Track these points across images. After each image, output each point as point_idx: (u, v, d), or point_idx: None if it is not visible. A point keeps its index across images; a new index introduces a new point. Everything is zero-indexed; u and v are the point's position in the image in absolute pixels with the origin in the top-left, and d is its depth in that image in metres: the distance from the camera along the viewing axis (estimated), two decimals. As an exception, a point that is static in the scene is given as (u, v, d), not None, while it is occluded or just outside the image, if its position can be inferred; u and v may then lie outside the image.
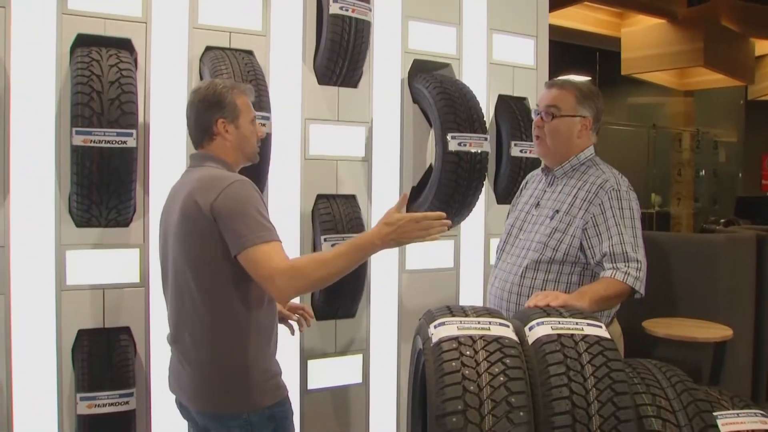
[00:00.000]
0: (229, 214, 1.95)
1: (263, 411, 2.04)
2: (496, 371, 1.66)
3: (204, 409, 2.07)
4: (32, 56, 2.62)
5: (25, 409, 2.61)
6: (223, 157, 2.16)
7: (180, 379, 2.13)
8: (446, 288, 3.44)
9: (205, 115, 2.14)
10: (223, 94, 2.14)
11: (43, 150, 2.63)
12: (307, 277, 1.95)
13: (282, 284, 1.92)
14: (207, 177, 2.04)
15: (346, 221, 3.03)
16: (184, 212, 2.02)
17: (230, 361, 2.03)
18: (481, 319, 1.81)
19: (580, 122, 2.43)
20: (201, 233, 1.99)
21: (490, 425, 1.58)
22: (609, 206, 2.32)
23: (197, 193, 2.00)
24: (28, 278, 2.61)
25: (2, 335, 2.56)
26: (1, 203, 2.56)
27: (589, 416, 1.62)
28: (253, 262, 1.93)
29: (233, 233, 1.94)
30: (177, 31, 2.83)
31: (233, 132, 2.15)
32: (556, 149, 2.44)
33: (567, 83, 2.47)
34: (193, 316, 2.05)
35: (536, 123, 2.48)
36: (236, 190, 1.98)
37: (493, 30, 3.56)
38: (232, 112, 2.15)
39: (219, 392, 2.03)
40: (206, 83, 2.20)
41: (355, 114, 3.19)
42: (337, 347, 3.19)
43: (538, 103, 2.50)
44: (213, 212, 1.96)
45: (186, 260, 2.04)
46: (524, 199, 2.59)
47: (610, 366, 1.70)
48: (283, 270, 1.91)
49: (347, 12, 2.91)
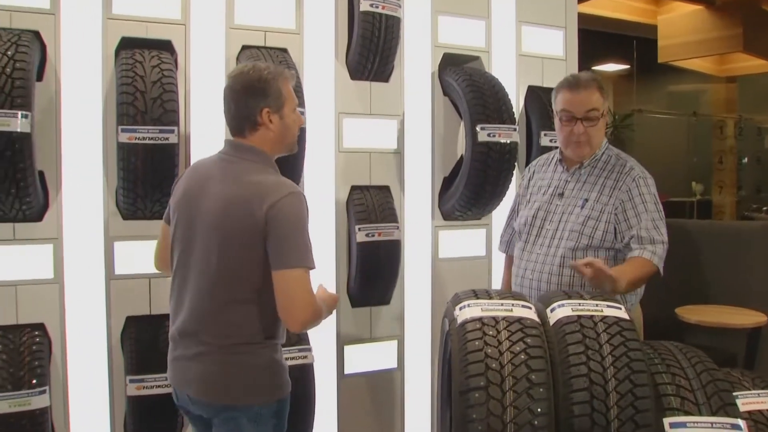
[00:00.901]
0: (281, 227, 1.94)
1: (272, 405, 2.06)
2: (517, 350, 1.76)
3: (215, 401, 2.03)
4: (80, 59, 2.76)
5: (79, 391, 2.77)
6: (263, 148, 2.09)
7: (188, 371, 2.07)
8: (478, 275, 3.52)
9: (248, 103, 2.05)
10: (269, 82, 2.05)
11: (92, 147, 2.78)
12: (316, 320, 2.03)
13: (301, 318, 1.96)
14: (265, 182, 2.00)
15: (380, 211, 3.13)
16: (230, 210, 1.98)
17: (250, 358, 2.03)
18: (504, 302, 1.91)
19: (606, 115, 2.51)
20: (247, 235, 1.96)
21: (511, 400, 1.68)
22: (637, 192, 2.40)
23: (253, 196, 1.97)
24: (80, 268, 2.77)
25: (57, 321, 2.73)
26: (54, 198, 2.72)
27: (606, 393, 1.71)
28: (285, 282, 1.94)
29: (279, 248, 1.93)
30: (214, 32, 2.95)
31: (277, 122, 2.08)
32: (595, 147, 2.51)
33: (589, 81, 2.47)
34: (216, 312, 2.01)
35: (578, 130, 2.45)
36: (293, 203, 1.97)
37: (521, 22, 3.61)
38: (277, 100, 2.07)
39: (236, 386, 2.01)
40: (248, 67, 2.10)
41: (387, 107, 3.29)
42: (372, 333, 3.30)
43: (569, 109, 2.46)
44: (267, 218, 1.93)
45: (220, 255, 1.99)
46: (538, 190, 2.64)
47: (627, 345, 1.78)
48: (309, 303, 1.96)
49: (378, 9, 3.00)
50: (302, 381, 2.78)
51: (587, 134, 2.46)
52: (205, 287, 2.03)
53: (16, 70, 2.48)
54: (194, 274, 2.05)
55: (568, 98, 2.47)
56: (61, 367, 2.74)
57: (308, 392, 2.81)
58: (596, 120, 2.45)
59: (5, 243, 2.67)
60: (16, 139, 2.46)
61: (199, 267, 2.04)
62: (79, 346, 2.78)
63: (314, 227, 3.04)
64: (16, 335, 2.67)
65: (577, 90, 2.45)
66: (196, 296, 2.04)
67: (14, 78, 2.48)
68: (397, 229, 3.13)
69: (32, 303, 2.70)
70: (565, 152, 2.58)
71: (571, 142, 2.50)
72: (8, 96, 2.46)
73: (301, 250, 1.95)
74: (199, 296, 2.04)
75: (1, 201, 2.54)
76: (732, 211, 11.05)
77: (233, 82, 2.08)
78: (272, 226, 1.93)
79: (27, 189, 2.55)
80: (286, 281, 1.93)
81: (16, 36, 2.57)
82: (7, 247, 2.68)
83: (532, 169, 2.78)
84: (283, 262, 1.93)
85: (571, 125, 2.47)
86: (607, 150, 2.52)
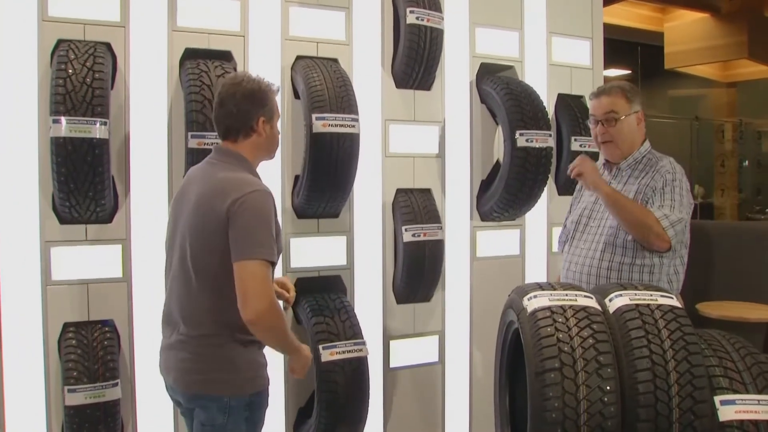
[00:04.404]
0: (242, 221, 2.01)
1: (243, 397, 2.11)
2: (585, 335, 1.94)
3: (188, 390, 2.14)
4: (147, 68, 2.94)
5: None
6: (249, 154, 2.20)
7: (169, 360, 2.19)
8: (513, 273, 3.70)
9: (247, 110, 2.16)
10: (267, 93, 2.19)
11: (158, 153, 2.95)
12: (274, 316, 2.02)
13: (256, 306, 1.97)
14: (233, 179, 2.10)
15: (424, 213, 3.31)
16: (199, 207, 2.09)
17: (219, 349, 2.10)
18: (568, 292, 2.09)
19: (635, 117, 2.68)
20: (213, 230, 2.05)
21: (583, 380, 1.86)
22: (662, 184, 2.56)
23: (218, 193, 2.06)
24: (147, 268, 2.93)
25: (125, 318, 2.90)
26: (123, 201, 2.89)
27: (667, 372, 1.89)
28: (243, 273, 1.99)
29: (238, 241, 2.01)
30: (271, 43, 3.13)
31: (268, 131, 2.21)
32: (623, 148, 2.68)
33: (612, 88, 2.71)
34: (190, 303, 2.12)
35: (599, 131, 2.70)
36: (256, 198, 2.05)
37: (552, 33, 3.81)
38: (271, 111, 2.21)
39: (205, 376, 2.11)
40: (245, 76, 2.22)
41: (429, 114, 3.48)
42: (416, 329, 3.48)
43: (593, 113, 2.73)
44: (228, 213, 2.02)
45: (191, 250, 2.10)
46: (590, 191, 2.83)
47: (683, 330, 1.97)
48: (265, 294, 1.99)
49: (423, 21, 3.19)
50: (357, 373, 2.96)
51: (609, 134, 2.68)
52: (181, 280, 2.15)
53: (95, 80, 2.67)
54: (174, 268, 2.19)
55: (593, 104, 2.74)
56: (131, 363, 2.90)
57: (363, 384, 2.98)
58: (613, 122, 2.65)
59: (79, 243, 2.85)
60: (96, 145, 2.64)
61: (178, 262, 2.17)
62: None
63: (362, 229, 3.27)
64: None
65: (599, 96, 2.72)
66: (176, 289, 2.18)
67: (94, 87, 2.66)
68: (440, 230, 3.31)
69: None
70: (601, 153, 2.79)
71: (598, 142, 2.75)
72: (89, 105, 2.64)
73: (259, 243, 2.01)
74: (177, 289, 2.17)
75: (78, 203, 2.71)
76: (733, 214, 11.22)
77: (234, 89, 2.17)
78: (233, 221, 2.02)
79: (103, 192, 2.72)
80: (243, 271, 1.99)
81: (92, 47, 2.75)
82: (81, 248, 2.85)
83: None
84: (241, 253, 2.00)
85: (596, 128, 2.73)
86: (647, 153, 2.71)
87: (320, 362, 2.89)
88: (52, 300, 2.79)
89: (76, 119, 2.60)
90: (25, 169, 2.76)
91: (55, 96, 2.60)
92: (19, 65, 2.75)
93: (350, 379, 2.93)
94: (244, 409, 2.11)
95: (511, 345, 2.35)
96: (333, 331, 2.97)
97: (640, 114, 2.70)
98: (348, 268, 3.29)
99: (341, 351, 2.93)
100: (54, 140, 2.58)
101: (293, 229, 3.16)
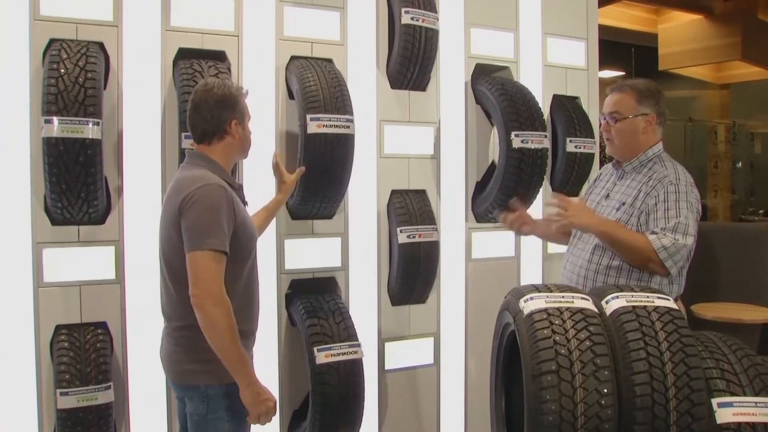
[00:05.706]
0: (191, 214, 2.11)
1: (221, 386, 2.18)
2: (582, 337, 1.93)
3: (174, 380, 2.29)
4: (140, 68, 2.92)
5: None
6: (222, 156, 2.31)
7: (161, 351, 2.34)
8: (508, 275, 3.69)
9: (219, 114, 2.27)
10: (237, 97, 2.31)
11: (151, 153, 2.93)
12: (220, 306, 2.07)
13: (204, 291, 2.06)
14: (189, 177, 2.20)
15: (419, 214, 3.29)
16: (165, 207, 2.24)
17: (194, 340, 2.17)
18: (564, 294, 2.07)
19: (643, 120, 2.63)
20: (171, 227, 2.17)
21: (580, 382, 1.85)
22: (664, 198, 2.48)
23: (174, 192, 2.19)
24: (139, 269, 2.91)
25: (119, 320, 2.87)
26: (115, 203, 2.87)
27: (664, 375, 1.88)
28: (192, 262, 2.09)
29: (187, 233, 2.11)
30: (265, 43, 3.12)
31: (241, 133, 2.33)
32: (624, 148, 2.66)
33: (625, 86, 2.67)
34: (167, 297, 2.27)
35: (603, 128, 2.71)
36: (204, 193, 2.14)
37: (547, 34, 3.81)
38: (242, 113, 2.33)
39: (184, 366, 2.22)
40: (215, 82, 2.32)
41: (424, 115, 3.46)
42: (411, 331, 3.46)
43: (602, 109, 2.73)
44: (180, 209, 2.13)
45: (161, 247, 2.26)
46: (597, 191, 2.81)
47: (680, 332, 1.96)
48: (212, 283, 2.07)
49: (418, 22, 3.18)
50: (352, 375, 2.94)
51: (611, 133, 2.67)
52: (161, 276, 2.30)
53: (87, 80, 2.64)
54: (159, 265, 2.32)
55: (605, 99, 2.74)
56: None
57: (357, 387, 2.96)
58: (615, 120, 2.64)
59: (71, 245, 2.82)
60: (88, 146, 2.62)
61: (158, 260, 2.31)
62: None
63: (356, 230, 3.25)
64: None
65: (611, 92, 2.71)
66: (161, 285, 2.32)
67: (86, 87, 2.63)
68: (435, 231, 3.30)
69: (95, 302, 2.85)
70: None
71: (604, 139, 2.75)
72: (81, 105, 2.62)
73: (207, 234, 2.10)
74: (161, 285, 2.32)
75: (70, 204, 2.69)
76: (726, 215, 11.24)
77: (204, 95, 2.28)
78: (184, 215, 2.13)
79: (95, 193, 2.70)
80: (192, 261, 2.10)
81: (85, 47, 2.72)
82: (73, 249, 2.82)
83: (600, 173, 2.94)
84: (190, 244, 2.11)
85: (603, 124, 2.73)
86: (655, 157, 2.66)
87: (315, 364, 2.87)
88: (43, 302, 2.76)
89: (68, 119, 2.58)
90: (16, 169, 2.74)
91: (47, 96, 2.58)
92: (11, 65, 2.73)
93: (345, 381, 2.91)
94: (222, 398, 2.19)
95: (507, 347, 2.33)
96: (327, 333, 2.95)
97: (650, 117, 2.64)
98: (343, 270, 3.27)
99: (336, 353, 2.92)
100: (46, 140, 2.56)
101: (287, 230, 3.14)
